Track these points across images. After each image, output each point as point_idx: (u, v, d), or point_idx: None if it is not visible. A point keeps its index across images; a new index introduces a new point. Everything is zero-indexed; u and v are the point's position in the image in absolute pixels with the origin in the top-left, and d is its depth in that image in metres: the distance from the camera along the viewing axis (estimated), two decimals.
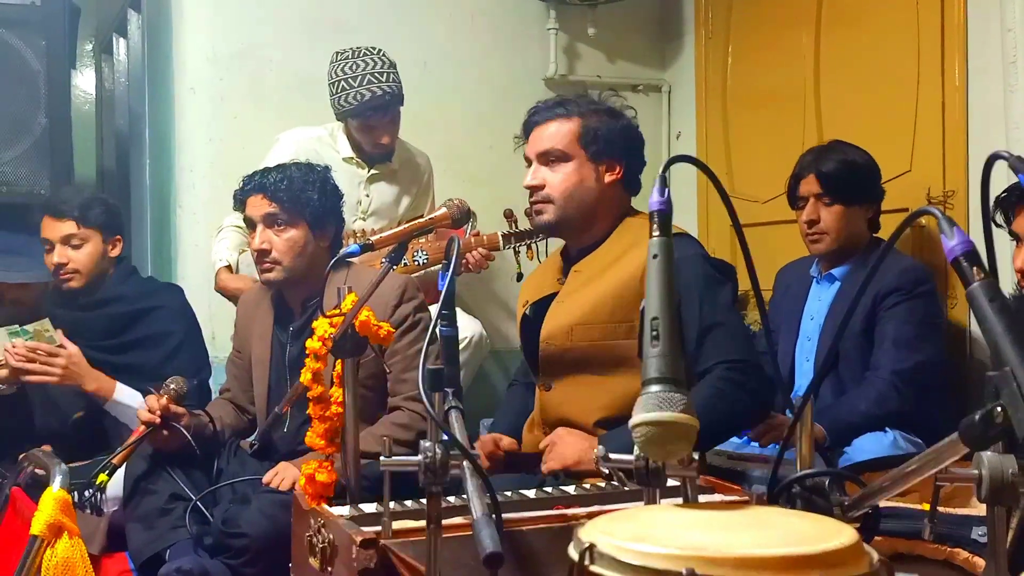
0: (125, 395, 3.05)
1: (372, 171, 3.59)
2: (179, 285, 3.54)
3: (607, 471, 1.44)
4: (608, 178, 2.42)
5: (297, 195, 2.78)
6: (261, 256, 2.79)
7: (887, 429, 2.75)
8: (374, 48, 3.48)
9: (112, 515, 2.72)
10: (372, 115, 3.45)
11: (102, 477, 2.54)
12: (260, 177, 2.82)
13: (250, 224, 2.84)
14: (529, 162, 2.49)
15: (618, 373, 2.35)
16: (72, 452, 2.84)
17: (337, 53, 3.49)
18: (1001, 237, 2.37)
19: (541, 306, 2.50)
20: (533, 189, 2.44)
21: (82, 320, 3.21)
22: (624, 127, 2.46)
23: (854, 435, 2.74)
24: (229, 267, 3.44)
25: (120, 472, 2.64)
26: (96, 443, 3.07)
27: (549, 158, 2.42)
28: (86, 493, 2.62)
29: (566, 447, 2.33)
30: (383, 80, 3.41)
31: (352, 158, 3.56)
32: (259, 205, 2.79)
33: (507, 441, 2.53)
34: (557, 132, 2.42)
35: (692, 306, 2.25)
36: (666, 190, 1.29)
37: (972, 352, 3.15)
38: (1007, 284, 2.54)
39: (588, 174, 2.41)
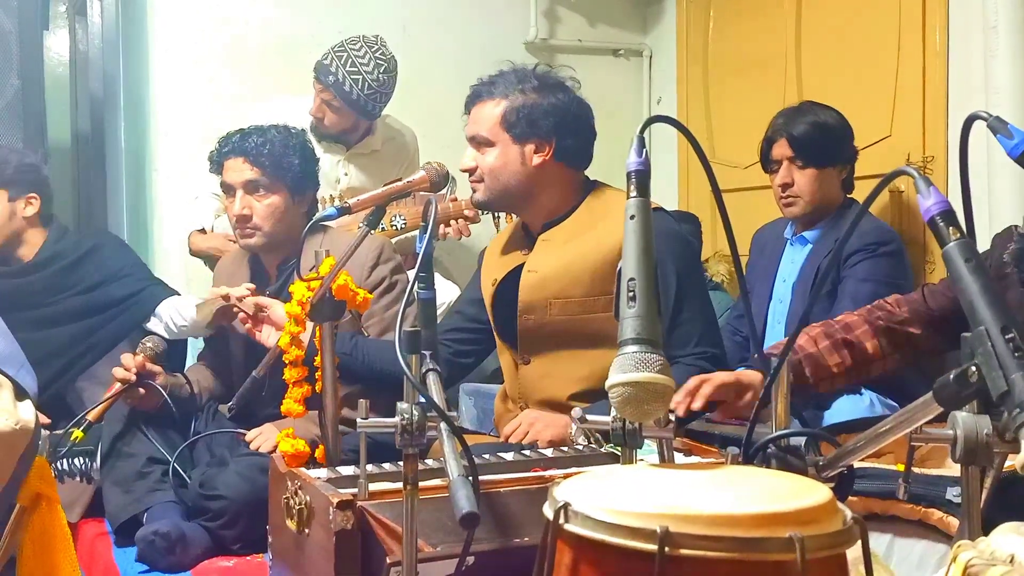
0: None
1: (349, 151, 3.51)
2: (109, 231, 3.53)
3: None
4: (536, 159, 2.40)
5: (279, 160, 2.73)
6: (241, 222, 2.75)
7: (863, 391, 2.75)
8: (388, 56, 3.34)
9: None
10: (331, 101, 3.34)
11: (76, 433, 2.53)
12: (240, 140, 2.75)
13: (228, 188, 2.78)
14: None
15: (597, 347, 2.34)
16: None
17: (346, 42, 3.34)
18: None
19: (509, 280, 2.49)
20: (467, 171, 2.47)
21: (20, 287, 3.05)
22: (555, 104, 2.39)
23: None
24: (202, 231, 3.40)
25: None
26: None
27: (477, 142, 2.45)
28: (76, 461, 2.60)
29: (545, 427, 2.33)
30: (361, 87, 3.27)
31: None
32: (240, 170, 2.74)
33: None
34: (482, 117, 2.43)
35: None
36: (644, 151, 1.28)
37: None
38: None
39: (513, 156, 2.41)
